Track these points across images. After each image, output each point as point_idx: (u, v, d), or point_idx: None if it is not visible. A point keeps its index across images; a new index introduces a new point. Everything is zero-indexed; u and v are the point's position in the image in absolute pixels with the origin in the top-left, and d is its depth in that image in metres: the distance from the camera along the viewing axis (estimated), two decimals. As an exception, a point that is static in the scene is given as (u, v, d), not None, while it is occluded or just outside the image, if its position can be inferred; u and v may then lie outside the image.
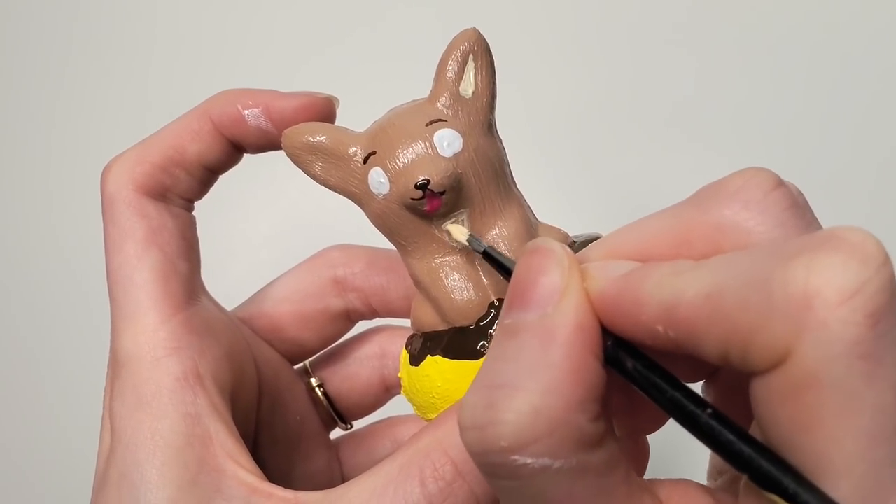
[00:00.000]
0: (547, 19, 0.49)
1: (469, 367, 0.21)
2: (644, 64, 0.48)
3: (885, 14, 0.47)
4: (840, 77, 0.47)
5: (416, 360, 0.22)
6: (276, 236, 0.48)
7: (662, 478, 0.17)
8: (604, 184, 0.47)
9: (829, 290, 0.12)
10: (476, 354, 0.21)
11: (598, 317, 0.15)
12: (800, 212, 0.15)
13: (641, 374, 0.15)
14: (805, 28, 0.47)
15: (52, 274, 0.48)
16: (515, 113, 0.23)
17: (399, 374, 0.23)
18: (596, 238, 0.23)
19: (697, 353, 0.14)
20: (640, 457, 0.21)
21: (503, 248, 0.21)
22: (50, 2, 0.51)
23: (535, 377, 0.14)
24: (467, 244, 0.21)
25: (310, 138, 0.22)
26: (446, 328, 0.22)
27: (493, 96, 0.21)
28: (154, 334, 0.22)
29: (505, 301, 0.16)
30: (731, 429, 0.14)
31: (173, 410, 0.21)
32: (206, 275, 0.25)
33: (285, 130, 0.22)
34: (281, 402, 0.27)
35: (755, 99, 0.47)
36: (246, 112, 0.23)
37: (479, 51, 0.21)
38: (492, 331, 0.21)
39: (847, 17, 0.47)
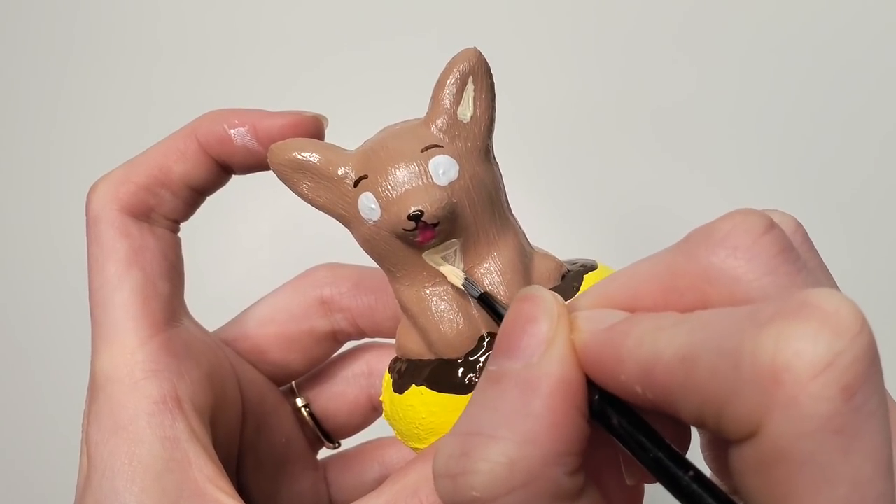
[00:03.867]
0: (537, 32, 0.49)
1: (455, 401, 0.20)
2: (636, 78, 0.48)
3: (884, 25, 0.47)
4: (831, 85, 0.46)
5: (399, 387, 0.21)
6: (276, 236, 0.47)
7: None
8: (595, 200, 0.46)
9: (799, 364, 0.12)
10: (463, 388, 0.20)
11: (584, 370, 0.15)
12: (791, 256, 0.14)
13: (627, 431, 0.15)
14: (795, 39, 0.47)
15: (49, 286, 0.48)
16: (505, 127, 0.22)
17: (381, 398, 0.23)
18: (592, 266, 0.22)
19: (675, 416, 0.14)
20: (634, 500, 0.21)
21: (496, 279, 0.20)
22: (48, 21, 0.51)
23: (513, 427, 0.14)
24: (462, 289, 0.20)
25: (297, 155, 0.21)
26: (432, 358, 0.21)
27: (491, 121, 0.21)
28: (132, 356, 0.21)
29: (493, 348, 0.16)
30: (712, 494, 0.13)
31: (151, 434, 0.20)
32: (206, 276, 0.25)
33: (272, 146, 0.21)
34: (266, 424, 0.26)
35: (748, 113, 0.47)
36: (232, 131, 0.23)
37: (479, 72, 0.20)
38: (481, 364, 0.20)
39: (841, 24, 0.47)
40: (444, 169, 0.20)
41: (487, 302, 0.20)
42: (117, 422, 0.21)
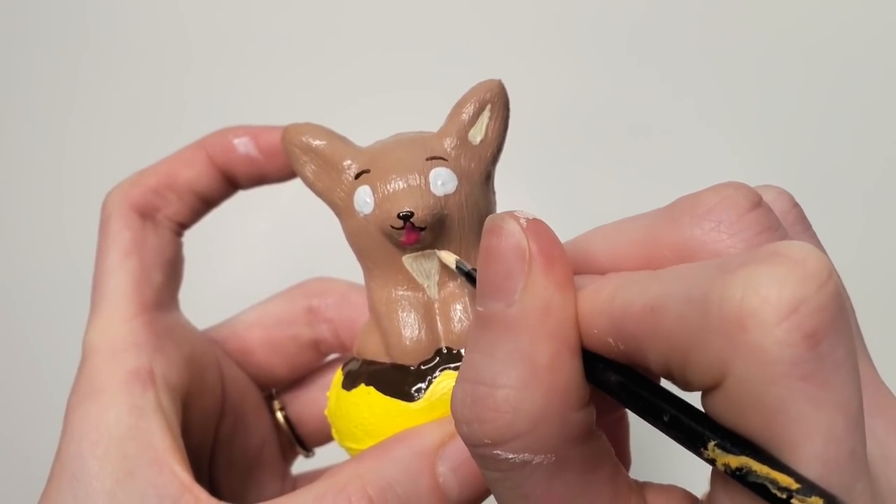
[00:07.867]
0: (516, 37, 0.49)
1: (399, 407, 0.21)
2: (618, 92, 0.47)
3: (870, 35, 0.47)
4: (821, 100, 0.46)
5: (348, 384, 0.22)
6: (276, 235, 0.48)
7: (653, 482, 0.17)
8: (575, 206, 0.46)
9: (764, 309, 0.12)
10: (410, 397, 0.21)
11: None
12: (775, 235, 0.15)
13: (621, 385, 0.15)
14: (780, 50, 0.47)
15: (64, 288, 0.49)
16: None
17: (328, 393, 0.23)
18: None
19: (645, 366, 0.14)
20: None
21: (466, 301, 0.21)
22: (63, 35, 0.52)
23: (510, 373, 0.14)
24: (454, 269, 0.20)
25: (310, 139, 0.22)
26: (387, 362, 0.22)
27: (499, 149, 0.22)
28: (116, 330, 0.23)
29: (477, 287, 0.16)
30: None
31: (121, 401, 0.21)
32: (204, 274, 0.26)
33: (289, 124, 0.23)
34: (244, 424, 0.27)
35: (727, 118, 0.46)
36: (236, 140, 0.25)
37: (497, 103, 0.21)
38: (431, 377, 0.21)
39: (824, 33, 0.47)
40: (442, 181, 0.21)
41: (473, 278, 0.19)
42: (92, 388, 0.22)
